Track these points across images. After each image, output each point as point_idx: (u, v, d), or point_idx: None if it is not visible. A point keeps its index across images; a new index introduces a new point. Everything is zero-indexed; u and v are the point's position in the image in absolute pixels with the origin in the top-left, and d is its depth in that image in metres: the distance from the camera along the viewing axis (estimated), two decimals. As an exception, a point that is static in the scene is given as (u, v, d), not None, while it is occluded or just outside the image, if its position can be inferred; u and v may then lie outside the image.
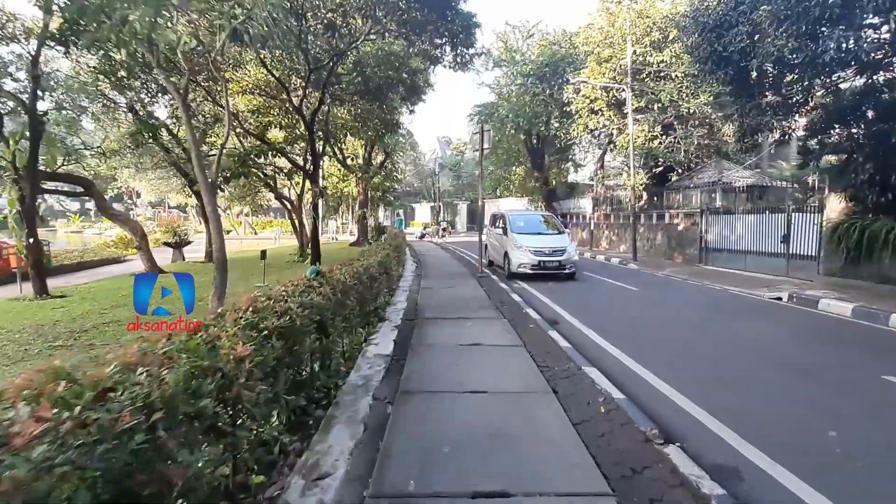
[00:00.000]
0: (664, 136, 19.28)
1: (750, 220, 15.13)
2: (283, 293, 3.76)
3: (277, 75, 10.62)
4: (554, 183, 31.68)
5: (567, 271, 12.45)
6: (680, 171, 22.13)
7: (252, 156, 13.46)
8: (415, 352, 5.33)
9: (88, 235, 45.82)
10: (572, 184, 34.00)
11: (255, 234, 38.66)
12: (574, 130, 22.88)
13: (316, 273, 4.65)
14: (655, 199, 24.12)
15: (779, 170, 20.14)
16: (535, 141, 29.09)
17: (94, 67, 10.14)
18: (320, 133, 12.84)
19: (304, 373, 3.91)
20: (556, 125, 25.34)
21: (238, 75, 12.53)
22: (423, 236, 32.96)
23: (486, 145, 12.02)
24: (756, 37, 10.05)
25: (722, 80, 11.49)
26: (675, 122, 19.24)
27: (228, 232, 39.59)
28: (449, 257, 18.43)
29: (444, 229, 33.61)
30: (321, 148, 13.05)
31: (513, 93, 27.70)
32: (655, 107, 18.98)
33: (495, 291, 9.95)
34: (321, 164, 26.38)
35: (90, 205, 75.00)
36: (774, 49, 8.92)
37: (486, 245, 16.31)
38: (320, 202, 11.04)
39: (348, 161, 19.21)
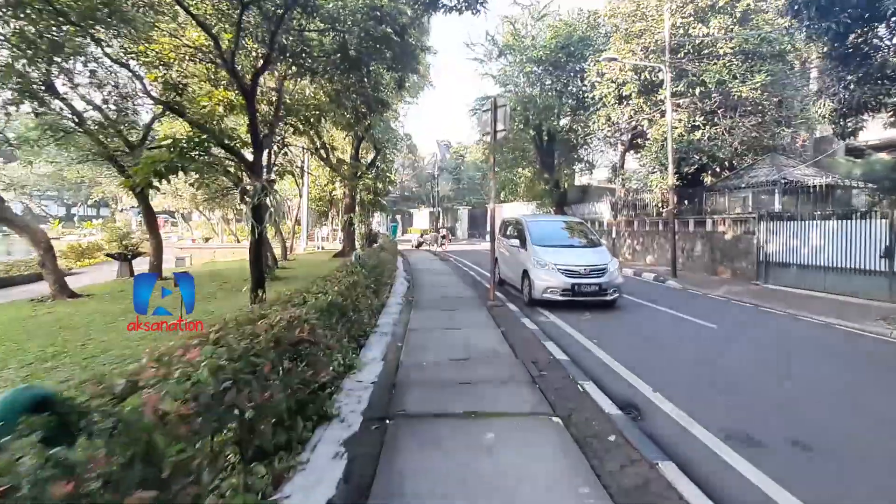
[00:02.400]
0: (708, 126, 16.08)
1: (830, 228, 11.89)
2: None
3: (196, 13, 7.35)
4: (566, 186, 28.49)
5: (609, 298, 9.20)
6: (717, 169, 18.94)
7: (194, 145, 10.24)
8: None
9: (67, 242, 42.59)
10: (584, 187, 30.83)
11: (238, 241, 35.31)
12: (594, 123, 19.69)
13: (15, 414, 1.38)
14: (687, 202, 21.05)
15: (846, 167, 16.93)
16: (545, 138, 25.90)
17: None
18: (268, 106, 9.63)
19: None
20: (571, 119, 22.19)
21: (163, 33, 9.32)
22: (419, 244, 29.62)
23: (500, 126, 8.81)
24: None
25: (825, 35, 8.29)
26: (721, 110, 16.06)
27: (208, 240, 36.31)
28: (449, 272, 15.15)
29: (443, 237, 30.30)
30: (268, 124, 9.80)
31: (521, 83, 24.58)
32: (697, 91, 15.81)
33: (520, 337, 6.66)
34: (299, 160, 23.13)
35: (76, 210, 71.93)
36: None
37: (495, 258, 13.11)
38: (268, 203, 7.77)
39: (334, 158, 15.85)
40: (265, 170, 14.41)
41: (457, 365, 5.18)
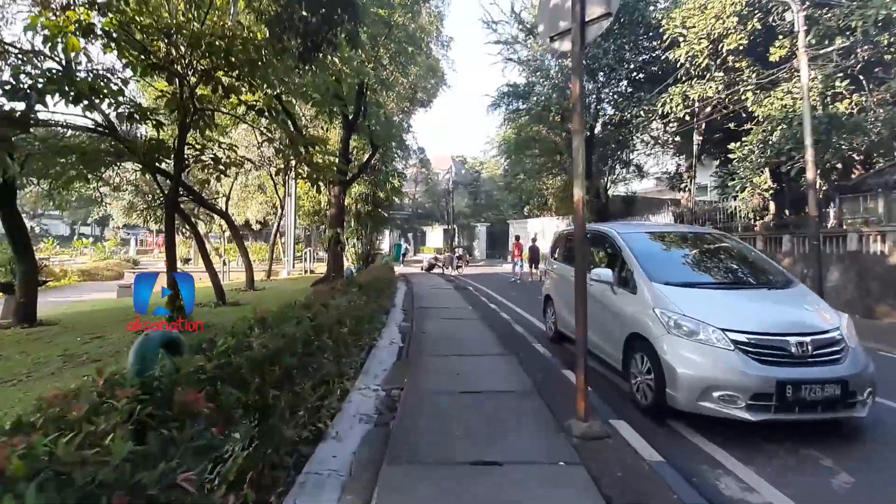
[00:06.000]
0: (855, 95, 10.80)
1: None
2: None
3: None
4: (610, 196, 23.26)
5: (860, 413, 3.88)
6: (835, 164, 13.58)
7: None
8: None
9: (54, 263, 38.75)
10: (630, 197, 25.41)
11: (225, 263, 30.70)
12: (665, 105, 14.52)
13: None
14: (788, 211, 15.91)
15: None
16: (585, 135, 20.83)
17: None
18: None
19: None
20: (628, 103, 17.06)
21: None
22: (431, 267, 24.40)
23: (596, 9, 3.76)
24: None
25: None
26: (877, 70, 10.80)
27: (187, 261, 31.75)
28: (471, 317, 9.81)
29: (459, 257, 25.14)
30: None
31: (555, 69, 19.65)
32: (837, 43, 10.60)
33: None
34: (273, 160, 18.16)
35: (80, 229, 68.91)
36: None
37: (546, 296, 7.98)
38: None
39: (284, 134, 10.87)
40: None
41: None
